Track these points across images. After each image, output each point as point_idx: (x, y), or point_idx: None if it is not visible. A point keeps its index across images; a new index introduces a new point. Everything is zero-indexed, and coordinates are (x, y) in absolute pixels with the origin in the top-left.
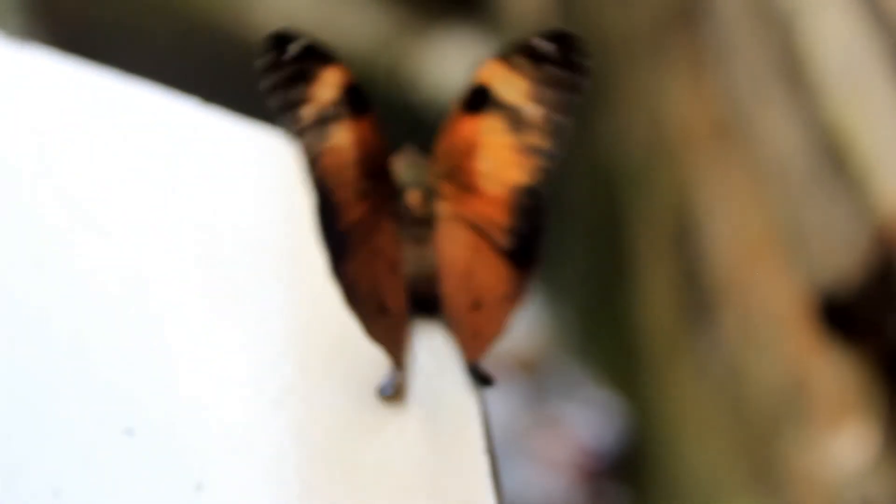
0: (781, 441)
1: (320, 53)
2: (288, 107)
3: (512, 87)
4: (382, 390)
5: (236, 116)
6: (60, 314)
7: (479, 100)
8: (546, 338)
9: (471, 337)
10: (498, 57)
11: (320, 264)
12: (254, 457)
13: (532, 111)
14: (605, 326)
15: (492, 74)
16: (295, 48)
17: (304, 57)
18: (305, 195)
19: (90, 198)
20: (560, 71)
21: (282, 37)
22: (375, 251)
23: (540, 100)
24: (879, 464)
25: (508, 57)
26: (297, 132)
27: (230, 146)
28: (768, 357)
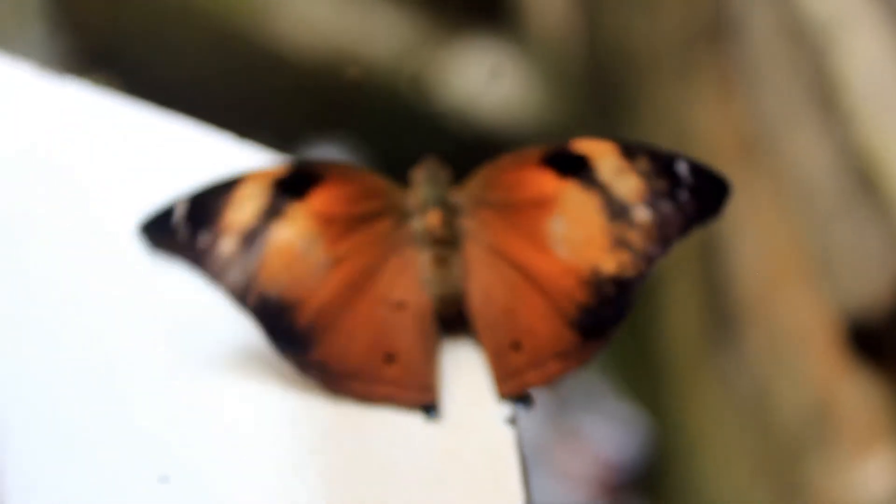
0: (806, 464)
1: (219, 188)
2: (199, 259)
3: (623, 180)
4: (427, 409)
5: (262, 142)
6: (96, 362)
7: (570, 164)
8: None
9: (508, 374)
10: (615, 141)
11: None
12: (291, 501)
13: (642, 213)
14: (628, 340)
15: (600, 153)
16: (179, 212)
17: (196, 208)
18: None
19: (124, 235)
20: (693, 201)
21: (157, 217)
22: (374, 299)
23: (654, 208)
24: None
25: (631, 151)
26: (218, 273)
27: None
28: (794, 378)
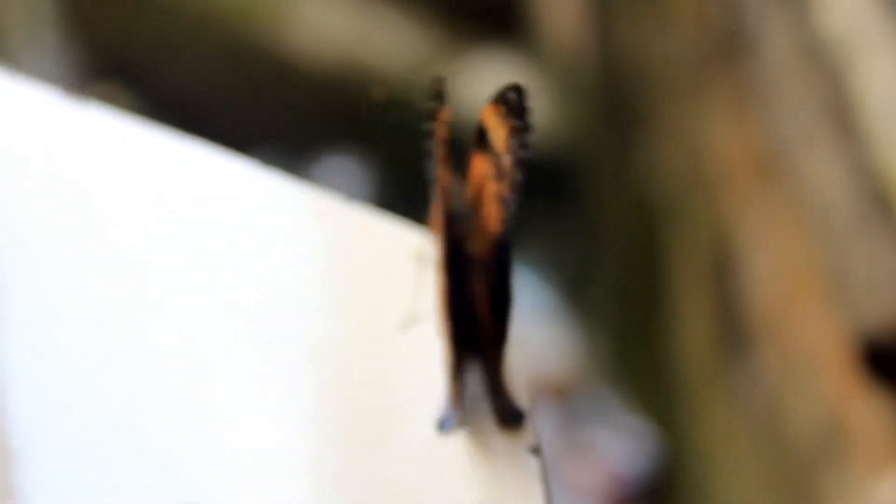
0: (818, 482)
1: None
2: None
3: (496, 134)
4: (443, 425)
5: (275, 167)
6: (118, 387)
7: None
8: (579, 363)
9: None
10: (492, 100)
11: (373, 330)
12: None
13: (506, 161)
14: (639, 354)
15: (486, 117)
16: None
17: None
18: (346, 255)
19: (143, 262)
20: (521, 122)
21: None
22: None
23: (511, 149)
24: None
25: (496, 102)
26: None
27: (276, 206)
28: (807, 396)
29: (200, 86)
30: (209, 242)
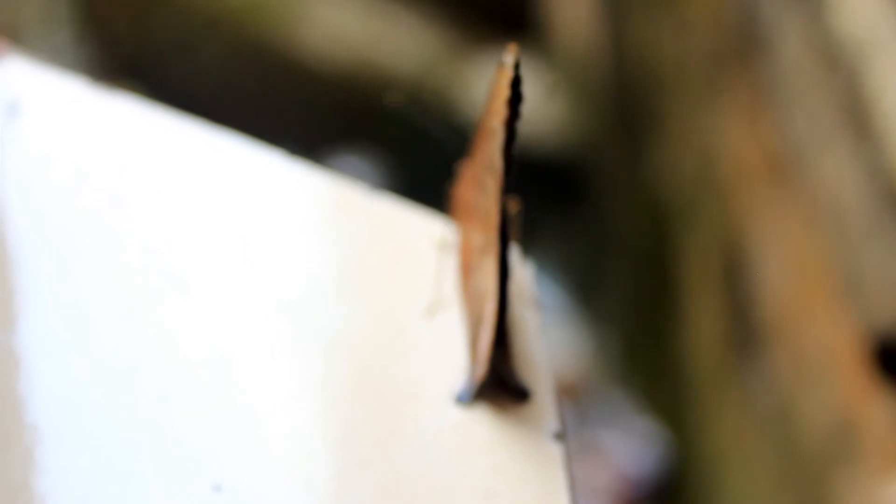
0: (830, 482)
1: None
2: None
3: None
4: (461, 397)
5: (301, 160)
6: (147, 371)
7: None
8: (589, 364)
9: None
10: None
11: (396, 317)
12: None
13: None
14: (650, 355)
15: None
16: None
17: None
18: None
19: (170, 251)
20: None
21: None
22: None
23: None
24: None
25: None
26: None
27: (300, 195)
28: (819, 396)
29: (213, 85)
30: (234, 231)
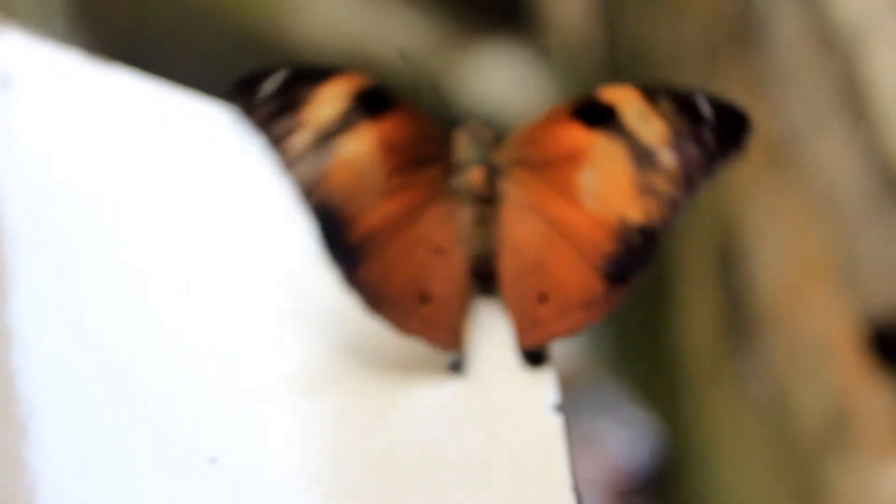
0: (826, 469)
1: (313, 74)
2: (276, 142)
3: (648, 124)
4: (454, 366)
5: None
6: (141, 344)
7: (598, 115)
8: (583, 355)
9: (530, 325)
10: (638, 87)
11: None
12: (333, 489)
13: (667, 157)
14: (644, 345)
15: (625, 100)
16: (271, 85)
17: (288, 88)
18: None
19: (163, 224)
20: (716, 139)
21: (253, 77)
22: (417, 239)
23: (679, 150)
24: None
25: (653, 94)
26: (288, 164)
27: None
28: (814, 384)
29: (207, 75)
30: (230, 204)
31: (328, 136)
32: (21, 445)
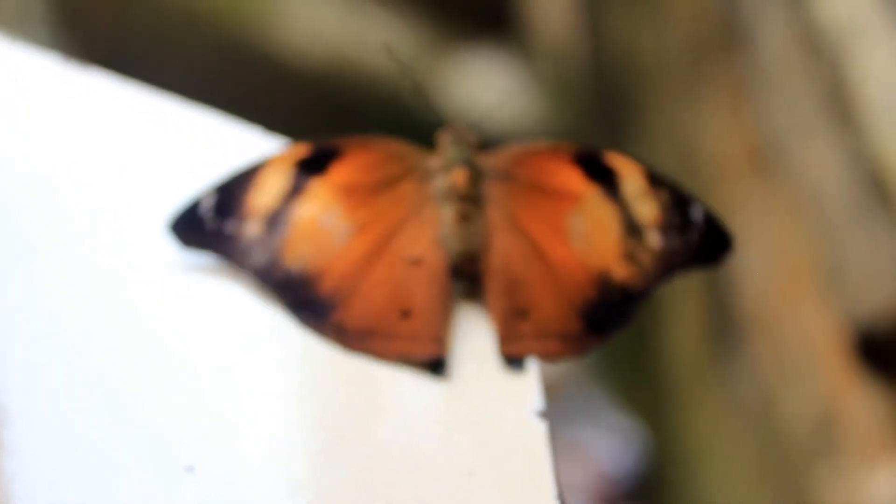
0: (812, 475)
1: (245, 175)
2: (226, 247)
3: (643, 202)
4: (434, 367)
5: (267, 132)
6: (117, 352)
7: (598, 171)
8: (568, 362)
9: (511, 337)
10: (643, 167)
11: None
12: (315, 498)
13: (653, 238)
14: (629, 351)
15: (628, 172)
16: (207, 206)
17: (223, 197)
18: None
19: (139, 226)
20: (700, 243)
21: (187, 211)
22: (390, 258)
23: (666, 237)
24: None
25: (656, 179)
26: (244, 254)
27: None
28: (801, 390)
29: (190, 82)
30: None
31: (278, 214)
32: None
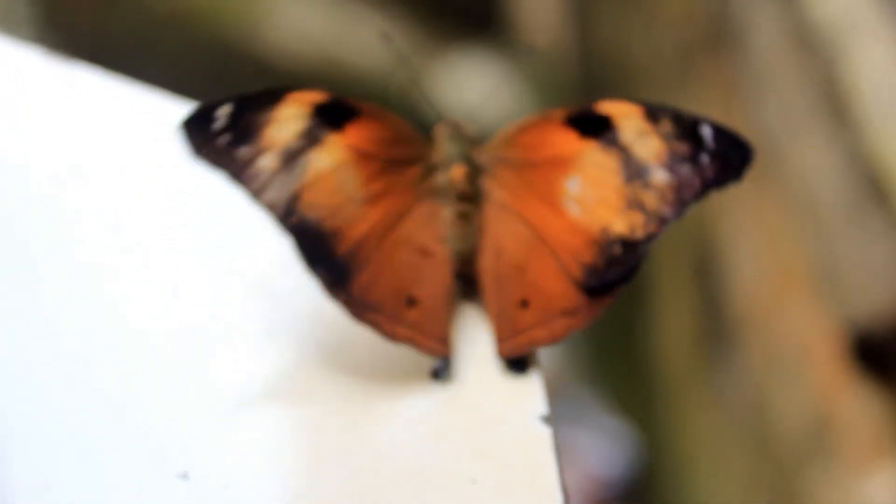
0: (806, 478)
1: (263, 98)
2: (239, 171)
3: (644, 142)
4: (437, 373)
5: None
6: (110, 362)
7: (593, 125)
8: (558, 363)
9: (511, 333)
10: (639, 104)
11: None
12: (311, 503)
13: (660, 176)
14: (621, 354)
15: (624, 115)
16: (222, 115)
17: (239, 117)
18: None
19: (127, 223)
20: (714, 165)
21: (200, 113)
22: (402, 242)
23: (673, 171)
24: None
25: (655, 113)
26: (257, 191)
27: None
28: (794, 391)
29: (177, 83)
30: (196, 203)
31: (295, 155)
32: None
